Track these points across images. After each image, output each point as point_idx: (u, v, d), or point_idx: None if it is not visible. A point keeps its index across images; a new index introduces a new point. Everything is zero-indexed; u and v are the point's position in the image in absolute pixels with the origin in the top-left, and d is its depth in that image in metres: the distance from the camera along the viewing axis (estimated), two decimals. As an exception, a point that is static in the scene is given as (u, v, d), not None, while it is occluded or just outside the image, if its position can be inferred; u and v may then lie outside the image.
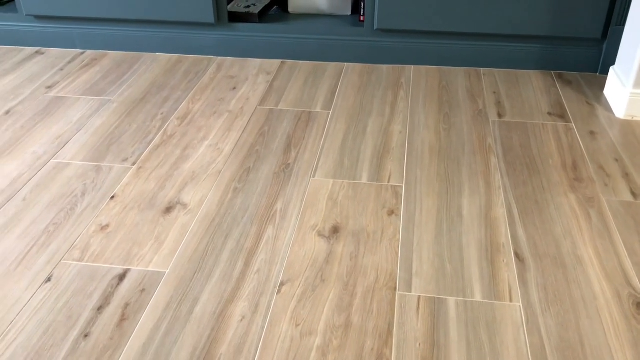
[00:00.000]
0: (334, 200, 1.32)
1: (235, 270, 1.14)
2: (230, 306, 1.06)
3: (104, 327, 1.01)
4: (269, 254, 1.18)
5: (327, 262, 1.15)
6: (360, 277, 1.11)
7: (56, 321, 1.02)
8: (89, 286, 1.10)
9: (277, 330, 1.01)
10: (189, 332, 1.01)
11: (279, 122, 1.64)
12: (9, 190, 1.36)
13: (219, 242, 1.21)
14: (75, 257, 1.16)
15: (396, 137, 1.56)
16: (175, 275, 1.12)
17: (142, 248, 1.19)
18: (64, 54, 2.07)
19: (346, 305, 1.05)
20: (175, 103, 1.74)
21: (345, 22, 2.01)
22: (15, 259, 1.16)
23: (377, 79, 1.88)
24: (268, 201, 1.33)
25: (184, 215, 1.28)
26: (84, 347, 0.98)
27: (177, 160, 1.48)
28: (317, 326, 1.01)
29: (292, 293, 1.08)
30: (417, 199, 1.32)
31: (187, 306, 1.06)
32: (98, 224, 1.25)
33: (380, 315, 1.03)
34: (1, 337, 0.99)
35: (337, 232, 1.23)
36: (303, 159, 1.47)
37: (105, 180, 1.39)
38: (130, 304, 1.06)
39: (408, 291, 1.08)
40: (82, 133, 1.59)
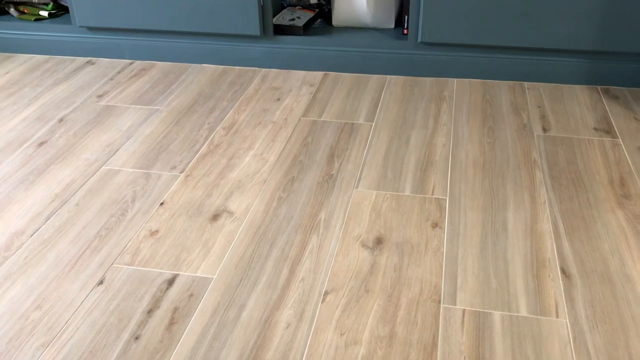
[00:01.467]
0: (377, 211, 1.33)
1: (281, 278, 1.15)
2: (276, 313, 1.07)
3: (154, 330, 1.04)
4: (313, 263, 1.19)
5: (371, 272, 1.16)
6: (405, 289, 1.12)
7: (108, 323, 1.06)
8: (139, 290, 1.13)
9: (322, 339, 1.02)
10: (236, 337, 1.03)
11: (322, 133, 1.66)
12: (62, 195, 1.41)
13: (264, 250, 1.23)
14: (126, 261, 1.20)
15: (440, 150, 1.56)
16: (222, 281, 1.15)
17: (190, 254, 1.22)
18: (114, 64, 2.13)
19: (390, 316, 1.06)
20: (221, 113, 1.78)
21: (388, 35, 2.02)
22: (69, 262, 1.20)
23: (419, 91, 1.89)
24: (312, 211, 1.34)
25: (230, 223, 1.31)
26: (135, 348, 1.01)
27: (224, 169, 1.51)
28: (361, 336, 1.02)
29: (337, 302, 1.09)
30: (461, 212, 1.32)
31: (234, 312, 1.08)
32: (148, 229, 1.29)
33: (425, 328, 1.04)
34: (57, 336, 1.03)
35: (381, 243, 1.24)
36: (346, 170, 1.49)
37: (155, 187, 1.43)
38: (179, 308, 1.09)
39: (452, 304, 1.08)
40: (132, 141, 1.63)
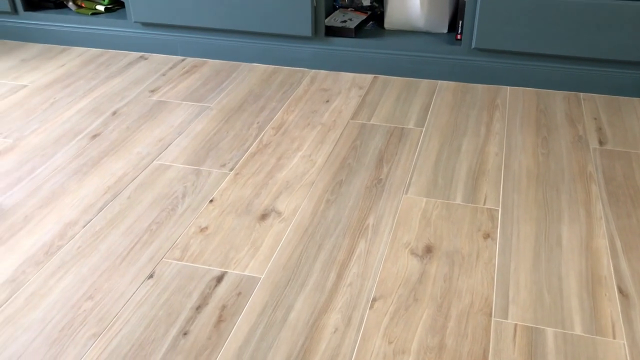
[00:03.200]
0: (427, 219, 1.31)
1: (328, 282, 1.15)
2: (324, 317, 1.07)
3: (202, 327, 1.05)
4: (361, 268, 1.18)
5: (420, 281, 1.14)
6: (455, 300, 1.10)
7: (157, 317, 1.07)
8: (188, 285, 1.14)
9: (369, 346, 1.01)
10: (284, 338, 1.02)
11: (371, 136, 1.65)
12: (115, 188, 1.43)
13: (312, 252, 1.22)
14: (175, 256, 1.21)
15: (492, 159, 1.53)
16: (270, 281, 1.15)
17: (238, 252, 1.22)
18: (166, 60, 2.16)
19: (440, 327, 1.04)
20: (270, 113, 1.79)
21: (441, 39, 2.00)
22: (120, 254, 1.22)
23: (471, 98, 1.86)
24: (360, 215, 1.33)
25: (278, 223, 1.31)
26: (183, 344, 1.01)
27: (272, 168, 1.51)
28: (410, 345, 1.01)
29: (385, 310, 1.08)
30: (514, 224, 1.29)
31: (282, 313, 1.08)
32: (197, 225, 1.30)
33: (475, 341, 1.01)
34: (108, 327, 1.04)
35: (431, 252, 1.22)
36: (395, 175, 1.47)
37: (205, 184, 1.44)
38: (227, 306, 1.09)
39: (504, 318, 1.06)
40: (183, 137, 1.65)
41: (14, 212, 1.34)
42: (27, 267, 1.18)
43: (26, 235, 1.27)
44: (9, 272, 1.17)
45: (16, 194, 1.41)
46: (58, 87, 1.96)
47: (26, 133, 1.68)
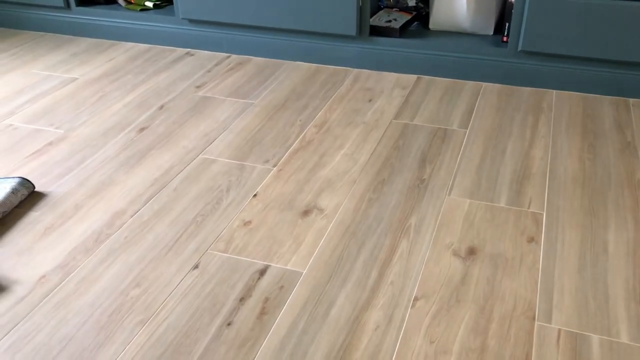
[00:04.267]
0: (471, 221, 1.31)
1: (370, 279, 1.15)
2: (365, 313, 1.07)
3: (246, 318, 1.06)
4: (402, 267, 1.18)
5: (463, 283, 1.14)
6: (498, 303, 1.09)
7: (202, 307, 1.09)
8: (232, 277, 1.16)
9: (411, 344, 1.01)
10: (325, 333, 1.03)
11: (414, 137, 1.65)
12: (161, 180, 1.46)
13: (353, 250, 1.23)
14: (220, 248, 1.23)
15: (537, 163, 1.51)
16: (312, 276, 1.16)
17: (281, 247, 1.24)
18: (212, 57, 2.20)
19: (482, 328, 1.04)
20: (313, 111, 1.80)
21: (486, 41, 1.98)
22: (166, 244, 1.25)
23: (517, 101, 1.84)
24: (402, 215, 1.34)
25: (320, 220, 1.32)
26: (227, 334, 1.03)
27: (315, 166, 1.52)
28: (452, 346, 1.01)
29: (427, 309, 1.08)
30: (559, 229, 1.28)
31: (324, 308, 1.09)
32: (241, 219, 1.32)
33: (518, 344, 1.01)
34: (154, 314, 1.07)
35: (474, 254, 1.21)
36: (438, 176, 1.47)
37: (248, 179, 1.46)
38: (270, 299, 1.11)
39: (548, 322, 1.05)
40: (228, 132, 1.68)
41: (65, 201, 1.39)
42: (77, 253, 1.22)
43: (76, 223, 1.31)
44: (60, 258, 1.21)
45: (67, 183, 1.46)
46: (107, 81, 2.01)
47: (76, 124, 1.73)
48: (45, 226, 1.31)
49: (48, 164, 1.53)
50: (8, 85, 1.98)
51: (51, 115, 1.78)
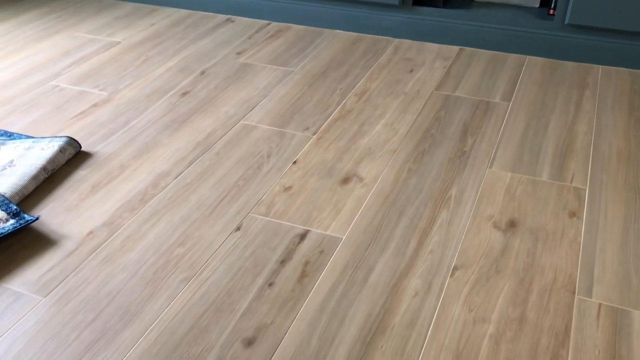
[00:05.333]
0: (512, 193, 1.30)
1: (409, 248, 1.16)
2: (404, 280, 1.08)
3: (286, 280, 1.09)
4: (442, 237, 1.19)
5: (503, 254, 1.14)
6: (537, 275, 1.09)
7: (244, 267, 1.11)
8: (273, 240, 1.18)
9: (449, 312, 1.02)
10: (364, 298, 1.05)
11: (455, 108, 1.63)
12: (204, 144, 1.49)
13: (393, 218, 1.24)
14: (261, 212, 1.25)
15: (581, 138, 1.49)
16: (352, 242, 1.17)
17: (321, 212, 1.25)
18: (252, 24, 2.20)
19: (521, 300, 1.04)
20: (353, 80, 1.79)
21: (532, 13, 1.94)
22: (209, 206, 1.27)
23: (561, 75, 1.80)
24: (442, 185, 1.33)
25: (360, 188, 1.33)
26: (268, 294, 1.06)
27: (354, 135, 1.53)
28: (490, 315, 1.01)
29: (466, 279, 1.09)
30: (601, 204, 1.26)
31: (363, 273, 1.10)
32: (282, 184, 1.34)
33: (557, 316, 1.01)
34: (198, 273, 1.10)
35: (514, 227, 1.21)
36: (480, 148, 1.46)
37: (289, 146, 1.48)
38: (310, 263, 1.12)
39: (588, 296, 1.05)
40: (268, 99, 1.69)
41: (110, 161, 1.42)
42: (123, 212, 1.26)
43: (122, 183, 1.34)
44: (107, 215, 1.25)
45: (112, 143, 1.49)
46: (149, 45, 2.03)
47: (120, 87, 1.76)
48: (92, 184, 1.34)
49: (93, 125, 1.57)
50: (54, 47, 2.02)
51: (96, 78, 1.81)
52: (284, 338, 0.97)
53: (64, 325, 1.00)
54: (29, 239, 1.18)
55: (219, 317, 1.01)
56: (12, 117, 1.59)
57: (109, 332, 0.98)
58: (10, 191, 1.26)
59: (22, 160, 1.36)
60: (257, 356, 0.94)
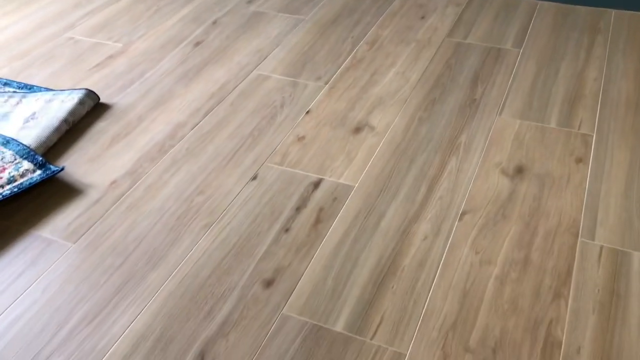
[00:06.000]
0: (520, 140, 1.33)
1: (419, 194, 1.21)
2: (414, 225, 1.14)
3: (302, 225, 1.14)
4: (451, 183, 1.23)
5: (510, 199, 1.18)
6: (543, 219, 1.14)
7: (261, 214, 1.17)
8: (288, 188, 1.23)
9: (457, 254, 1.07)
10: (376, 242, 1.10)
11: (466, 55, 1.64)
12: (218, 94, 1.52)
13: (403, 166, 1.28)
14: (276, 161, 1.30)
15: (590, 84, 1.50)
16: (363, 190, 1.22)
17: (334, 161, 1.29)
18: (262, -29, 2.18)
19: (526, 242, 1.09)
20: (365, 27, 1.80)
21: (546, -44, 1.91)
22: (226, 156, 1.32)
23: (572, 21, 1.80)
24: (452, 133, 1.37)
25: (371, 137, 1.36)
26: (285, 239, 1.11)
27: (366, 84, 1.55)
28: (496, 257, 1.07)
29: (474, 223, 1.14)
30: (608, 150, 1.29)
31: (374, 219, 1.15)
32: (295, 134, 1.38)
33: (561, 258, 1.06)
34: (218, 219, 1.16)
35: (521, 173, 1.25)
36: (490, 96, 1.48)
37: (301, 96, 1.51)
38: (324, 209, 1.18)
39: (591, 239, 1.09)
40: (280, 49, 1.70)
41: (129, 112, 1.46)
42: (143, 162, 1.31)
43: (141, 134, 1.39)
44: (128, 165, 1.30)
45: (129, 95, 1.52)
46: (160, -5, 2.03)
47: (134, 38, 1.78)
48: (112, 136, 1.39)
49: (110, 76, 1.60)
50: (66, -2, 2.03)
51: (109, 29, 1.83)
52: (300, 279, 1.04)
53: (94, 269, 1.07)
54: (55, 188, 1.24)
55: (240, 260, 1.07)
56: (31, 70, 1.63)
57: (136, 275, 1.05)
58: (35, 143, 1.31)
59: (43, 113, 1.40)
60: (276, 296, 1.01)
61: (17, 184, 1.20)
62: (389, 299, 1.00)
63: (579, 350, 0.92)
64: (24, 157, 1.26)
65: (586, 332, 0.94)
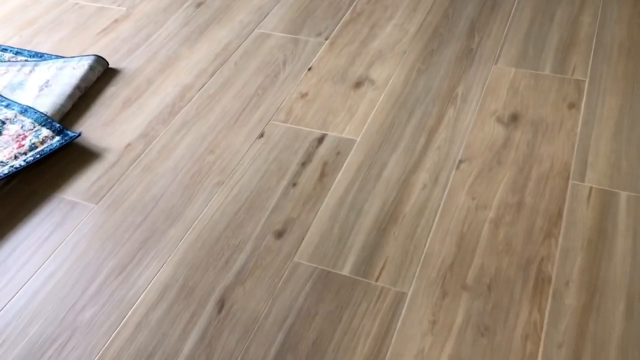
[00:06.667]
0: (515, 88, 1.38)
1: (418, 145, 1.27)
2: (413, 175, 1.20)
3: (308, 180, 1.21)
4: (449, 133, 1.29)
5: (505, 146, 1.25)
6: (536, 164, 1.20)
7: (269, 170, 1.24)
8: (294, 144, 1.29)
9: (454, 201, 1.15)
10: (378, 192, 1.18)
11: (463, 5, 1.67)
12: (222, 55, 1.57)
13: (403, 118, 1.34)
14: (281, 118, 1.36)
15: (584, 29, 1.54)
16: (365, 143, 1.28)
17: (336, 117, 1.35)
18: None
19: (520, 187, 1.16)
20: (363, -20, 1.82)
21: None
22: (233, 115, 1.38)
23: (569, -36, 1.81)
24: (450, 84, 1.42)
25: (372, 91, 1.42)
26: (293, 193, 1.19)
27: (365, 38, 1.59)
28: (491, 202, 1.14)
29: (470, 171, 1.20)
30: (600, 95, 1.34)
31: (376, 170, 1.22)
32: (298, 91, 1.43)
33: (552, 200, 1.13)
34: (229, 177, 1.23)
35: (516, 120, 1.30)
36: (486, 45, 1.52)
37: (303, 53, 1.55)
38: (328, 163, 1.24)
39: (581, 181, 1.16)
40: (280, 5, 1.74)
41: (137, 76, 1.52)
42: (155, 124, 1.37)
43: (151, 97, 1.45)
44: (141, 128, 1.36)
45: (137, 59, 1.58)
46: (159, -45, 2.05)
47: (137, 1, 1.81)
48: (123, 100, 1.45)
49: (116, 41, 1.65)
50: (66, -38, 2.05)
51: (112, -7, 1.86)
52: (309, 229, 1.11)
53: (117, 227, 1.15)
54: (74, 153, 1.31)
55: (252, 214, 1.15)
56: (40, 38, 1.68)
57: (157, 232, 1.13)
58: (52, 110, 1.37)
59: (56, 80, 1.46)
60: (287, 245, 1.09)
61: (39, 151, 1.27)
62: (392, 244, 1.08)
63: (568, 283, 1.00)
64: (43, 125, 1.33)
65: (574, 267, 1.02)
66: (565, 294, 0.98)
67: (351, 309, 0.98)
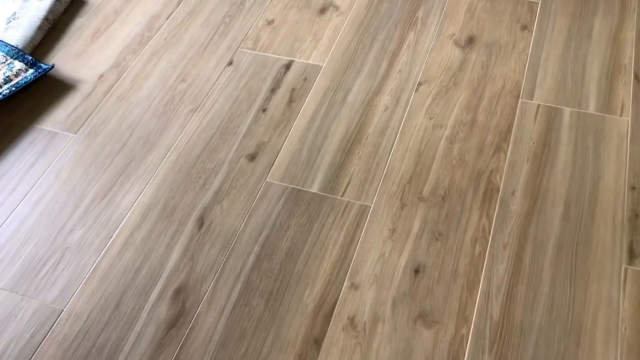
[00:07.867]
0: (472, 12, 1.45)
1: (381, 69, 1.34)
2: (376, 98, 1.28)
3: (277, 105, 1.28)
4: (409, 57, 1.36)
5: (461, 68, 1.33)
6: (489, 84, 1.29)
7: (240, 97, 1.30)
8: (262, 71, 1.35)
9: (413, 121, 1.23)
10: (343, 115, 1.26)
11: None
12: (188, -17, 1.58)
13: (366, 43, 1.40)
14: (249, 46, 1.41)
15: (540, -48, 1.59)
16: (331, 69, 1.35)
17: (302, 43, 1.41)
18: None
19: (474, 106, 1.25)
20: None
21: None
22: (202, 44, 1.42)
23: None
24: (410, 8, 1.47)
25: (336, 17, 1.47)
26: (263, 118, 1.26)
27: (329, -37, 1.61)
28: (447, 121, 1.23)
29: (428, 92, 1.29)
30: (550, 17, 1.42)
31: (341, 95, 1.29)
32: (264, 19, 1.47)
33: (503, 117, 1.23)
34: (201, 104, 1.29)
35: (472, 43, 1.38)
36: (445, -31, 1.56)
37: (268, -21, 1.58)
38: (296, 89, 1.31)
39: (530, 99, 1.25)
40: None
41: (104, 6, 1.53)
42: (126, 54, 1.41)
43: (119, 27, 1.48)
44: (112, 58, 1.40)
45: (102, -11, 1.58)
46: None
47: None
48: (93, 31, 1.47)
49: (80, -30, 1.64)
50: None
51: None
52: (279, 152, 1.20)
53: (97, 154, 1.21)
54: (48, 85, 1.35)
55: (225, 139, 1.22)
56: (1, -31, 1.66)
57: (136, 158, 1.20)
58: (22, 43, 1.40)
59: (23, 12, 1.47)
60: (260, 167, 1.17)
61: (14, 84, 1.31)
62: (356, 163, 1.17)
63: (514, 192, 1.11)
64: (15, 57, 1.36)
65: (520, 178, 1.13)
66: (511, 201, 1.10)
67: (320, 222, 1.09)
